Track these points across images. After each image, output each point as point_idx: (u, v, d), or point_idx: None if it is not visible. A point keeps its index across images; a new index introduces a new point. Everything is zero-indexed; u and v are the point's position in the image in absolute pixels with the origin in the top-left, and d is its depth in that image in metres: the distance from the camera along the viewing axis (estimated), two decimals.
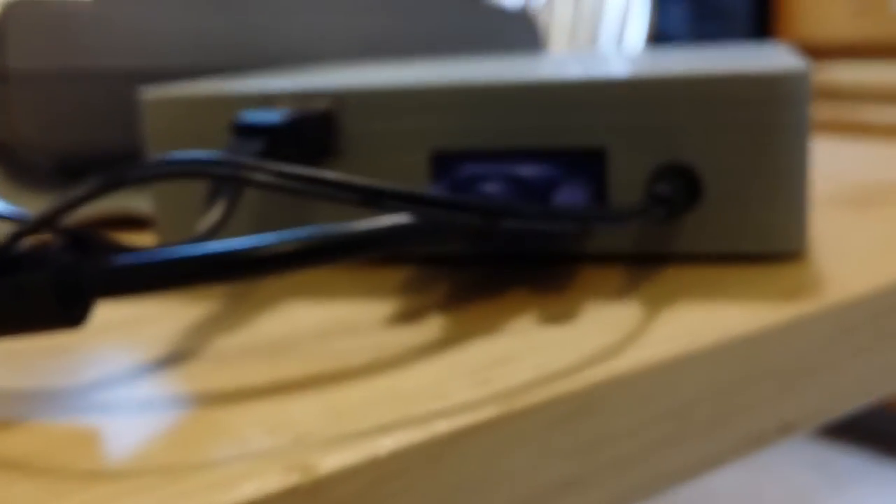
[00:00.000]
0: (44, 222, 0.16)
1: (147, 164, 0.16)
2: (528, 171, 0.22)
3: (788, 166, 0.22)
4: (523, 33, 0.48)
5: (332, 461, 0.14)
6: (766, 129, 0.22)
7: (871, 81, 1.64)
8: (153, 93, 0.26)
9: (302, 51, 0.41)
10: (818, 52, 1.72)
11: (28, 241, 0.16)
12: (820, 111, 1.73)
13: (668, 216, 0.21)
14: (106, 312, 0.22)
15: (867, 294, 0.20)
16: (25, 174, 0.35)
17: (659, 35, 1.91)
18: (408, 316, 0.20)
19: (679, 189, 0.22)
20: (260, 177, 0.16)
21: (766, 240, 0.22)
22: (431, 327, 0.20)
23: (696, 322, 0.19)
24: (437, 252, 0.24)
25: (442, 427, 0.15)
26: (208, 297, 0.23)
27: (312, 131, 0.24)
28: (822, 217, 0.27)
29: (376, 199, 0.16)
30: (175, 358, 0.19)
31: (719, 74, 0.22)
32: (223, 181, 0.17)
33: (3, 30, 0.33)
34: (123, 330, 0.20)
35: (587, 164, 0.23)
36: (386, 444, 0.14)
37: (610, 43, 1.48)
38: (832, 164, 0.38)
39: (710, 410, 0.18)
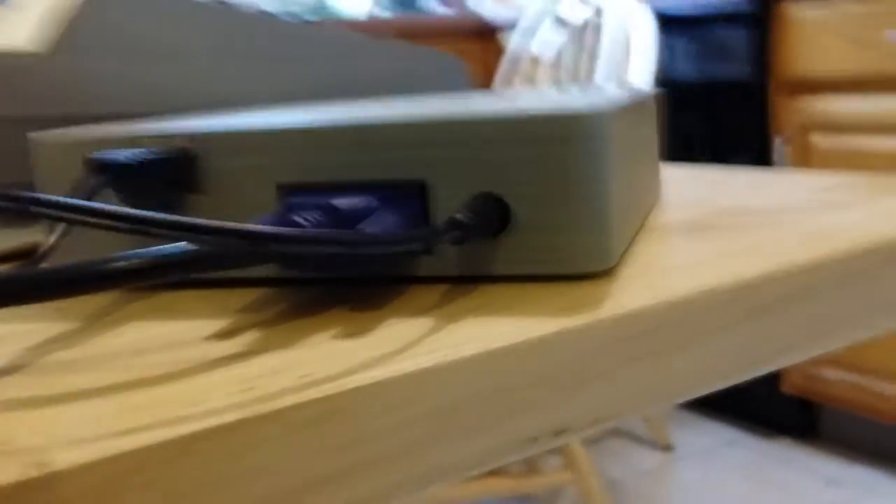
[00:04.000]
0: None
1: None
2: (346, 201, 0.24)
3: (587, 195, 0.24)
4: (453, 74, 0.50)
5: (68, 458, 0.15)
6: (563, 162, 0.24)
7: (869, 113, 1.64)
8: (40, 136, 0.28)
9: (233, 97, 0.43)
10: (817, 85, 1.73)
11: None
12: (821, 142, 1.74)
13: (465, 239, 0.23)
14: None
15: (645, 308, 0.22)
16: None
17: (665, 71, 1.93)
18: (226, 334, 0.22)
19: (490, 216, 0.24)
20: (44, 210, 0.18)
21: (570, 262, 0.24)
22: (239, 343, 0.21)
23: (474, 334, 0.20)
24: (285, 276, 0.26)
25: (185, 429, 0.16)
26: (67, 317, 0.25)
27: (171, 169, 0.26)
28: (658, 240, 0.29)
29: (143, 229, 0.18)
30: (2, 370, 0.21)
31: (519, 116, 0.24)
32: (31, 215, 0.20)
33: None
34: None
35: (411, 195, 0.25)
36: (125, 444, 0.16)
37: (613, 81, 1.50)
38: (710, 191, 0.39)
39: (476, 413, 0.20)
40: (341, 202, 0.24)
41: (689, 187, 0.40)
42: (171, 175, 0.26)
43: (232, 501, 0.17)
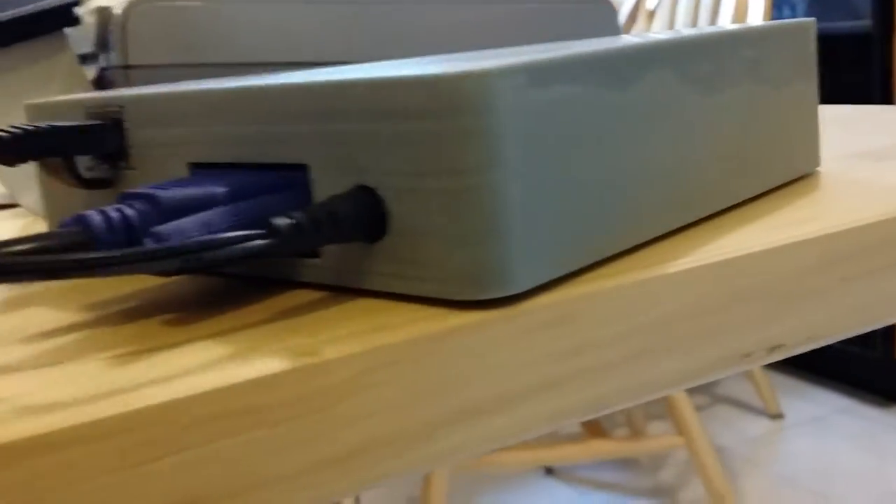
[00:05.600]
0: None
1: None
2: (186, 191, 0.20)
3: (473, 193, 0.17)
4: (602, 18, 0.49)
5: (336, 350, 0.16)
6: (438, 145, 0.18)
7: None
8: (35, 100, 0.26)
9: (401, 42, 0.44)
10: None
11: None
12: None
13: (301, 248, 0.18)
14: None
15: (855, 229, 0.21)
16: None
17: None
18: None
19: (363, 215, 0.19)
20: None
21: (450, 283, 0.18)
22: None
23: (690, 248, 0.20)
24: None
25: (431, 328, 0.17)
26: None
27: (106, 138, 0.23)
28: (848, 170, 0.28)
29: None
30: None
31: (380, 80, 0.18)
32: None
33: (125, 28, 0.37)
34: None
35: (297, 181, 0.20)
36: (380, 339, 0.17)
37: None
38: (860, 131, 0.38)
39: (694, 326, 0.20)
40: (177, 192, 0.20)
41: (839, 129, 0.39)
42: (106, 143, 0.24)
43: (471, 397, 0.17)
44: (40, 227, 0.33)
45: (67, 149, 0.23)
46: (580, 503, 1.55)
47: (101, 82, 0.37)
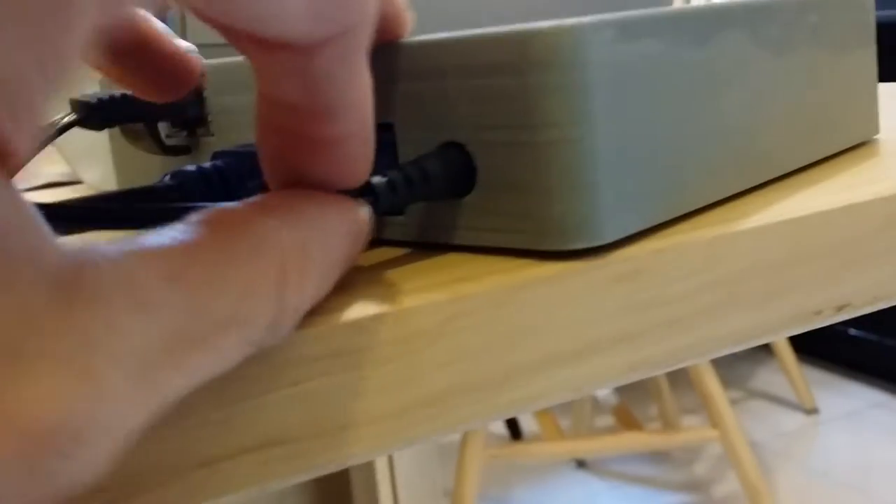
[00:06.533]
0: None
1: None
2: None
3: (560, 146, 0.18)
4: None
5: (419, 298, 0.17)
6: (526, 99, 0.18)
7: None
8: None
9: (461, 19, 0.44)
10: None
11: None
12: None
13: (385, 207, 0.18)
14: None
15: None
16: None
17: None
18: None
19: (451, 171, 0.19)
20: None
21: (539, 235, 0.18)
22: None
23: (761, 206, 0.21)
24: None
25: (510, 280, 0.17)
26: None
27: (187, 105, 0.24)
28: None
29: None
30: None
31: (473, 37, 0.18)
32: None
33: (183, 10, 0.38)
34: None
35: (383, 140, 0.19)
36: (462, 289, 0.17)
37: None
38: None
39: (765, 282, 0.20)
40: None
41: None
42: (185, 114, 0.24)
43: (549, 347, 0.18)
44: None
45: (151, 115, 0.24)
46: (612, 496, 1.55)
47: None
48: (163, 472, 0.15)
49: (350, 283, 0.18)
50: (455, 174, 0.19)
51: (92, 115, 0.22)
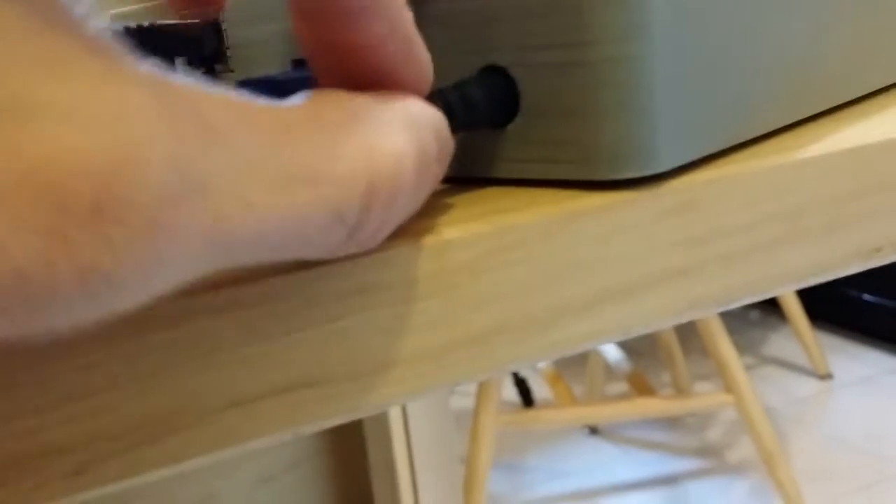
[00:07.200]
0: None
1: None
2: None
3: (615, 70, 0.16)
4: None
5: (456, 231, 0.15)
6: (577, 18, 0.16)
7: None
8: None
9: None
10: None
11: None
12: None
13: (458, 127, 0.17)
14: None
15: None
16: None
17: None
18: None
19: (492, 97, 0.17)
20: None
21: (593, 163, 0.17)
22: None
23: (821, 136, 0.19)
24: None
25: (559, 210, 0.16)
26: None
27: (205, 39, 0.23)
28: None
29: None
30: None
31: None
32: None
33: None
34: None
35: None
36: (510, 219, 0.16)
37: None
38: None
39: (823, 217, 0.19)
40: (293, 75, 0.20)
41: None
42: (203, 49, 0.23)
43: (595, 284, 0.17)
44: None
45: (167, 50, 0.22)
46: (626, 462, 1.54)
47: None
48: (189, 412, 0.14)
49: None
50: (497, 101, 0.17)
51: None
